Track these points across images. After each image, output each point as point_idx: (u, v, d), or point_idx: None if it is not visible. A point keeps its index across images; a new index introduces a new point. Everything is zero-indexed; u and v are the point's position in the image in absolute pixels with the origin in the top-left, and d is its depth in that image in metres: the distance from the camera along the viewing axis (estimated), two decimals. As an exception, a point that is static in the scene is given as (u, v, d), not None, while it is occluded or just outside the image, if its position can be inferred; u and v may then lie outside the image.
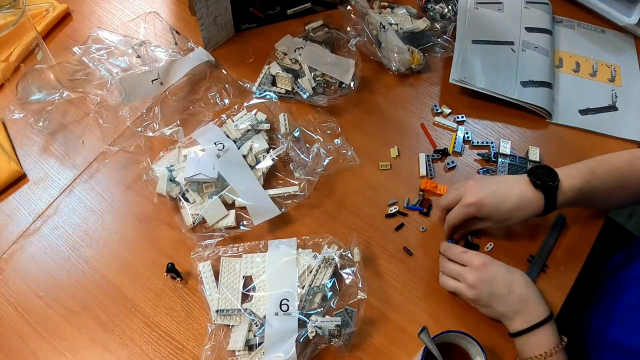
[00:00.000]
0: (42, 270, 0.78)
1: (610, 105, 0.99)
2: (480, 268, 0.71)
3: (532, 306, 0.70)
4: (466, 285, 0.71)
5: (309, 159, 0.86)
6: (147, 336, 0.74)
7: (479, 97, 0.96)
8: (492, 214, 0.73)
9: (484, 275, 0.70)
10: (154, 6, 1.06)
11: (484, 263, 0.71)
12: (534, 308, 0.70)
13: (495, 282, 0.70)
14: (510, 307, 0.70)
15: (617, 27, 1.08)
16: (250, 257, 0.77)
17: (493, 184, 0.74)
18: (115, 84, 0.87)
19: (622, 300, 0.77)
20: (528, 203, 0.72)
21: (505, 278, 0.70)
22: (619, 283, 0.80)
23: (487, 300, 0.70)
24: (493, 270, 0.71)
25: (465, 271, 0.72)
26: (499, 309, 0.70)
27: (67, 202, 0.84)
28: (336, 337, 0.70)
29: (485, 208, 0.73)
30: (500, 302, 0.70)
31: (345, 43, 0.97)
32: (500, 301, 0.70)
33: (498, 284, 0.70)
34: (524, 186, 0.73)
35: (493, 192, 0.73)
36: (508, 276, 0.71)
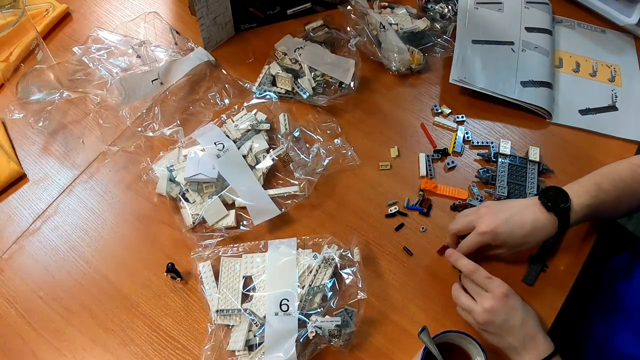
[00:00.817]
0: (42, 270, 0.78)
1: (610, 105, 0.99)
2: (502, 298, 0.69)
3: (540, 342, 0.69)
4: (482, 308, 0.70)
5: (309, 159, 0.86)
6: (147, 336, 0.74)
7: (479, 97, 0.96)
8: (506, 241, 0.73)
9: (503, 305, 0.69)
10: (154, 6, 1.06)
11: (507, 294, 0.70)
12: (541, 344, 0.69)
13: (512, 314, 0.69)
14: (519, 341, 0.69)
15: (617, 27, 1.08)
16: (250, 257, 0.77)
17: (506, 210, 0.74)
18: (115, 84, 0.87)
19: (624, 308, 0.77)
20: (542, 227, 0.72)
21: (522, 312, 0.70)
22: (620, 289, 0.80)
23: (498, 329, 0.69)
24: (512, 303, 0.70)
25: (485, 296, 0.70)
26: (508, 340, 0.69)
27: (67, 202, 0.84)
28: (336, 337, 0.70)
29: (500, 236, 0.72)
30: (512, 334, 0.69)
31: (345, 43, 0.97)
32: (511, 332, 0.69)
33: (514, 316, 0.69)
34: (537, 210, 0.72)
35: (506, 219, 0.72)
36: (524, 311, 0.70)
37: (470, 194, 0.87)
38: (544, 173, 0.90)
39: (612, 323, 0.77)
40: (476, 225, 0.73)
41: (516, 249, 0.74)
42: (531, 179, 0.88)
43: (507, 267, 0.80)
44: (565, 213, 0.72)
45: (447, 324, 0.75)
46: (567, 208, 0.72)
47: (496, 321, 0.69)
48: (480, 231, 0.73)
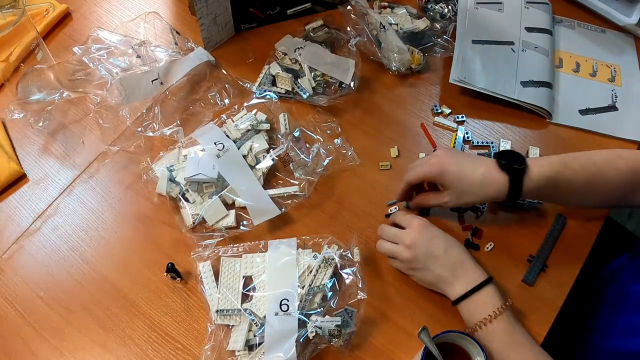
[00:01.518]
0: (42, 270, 0.78)
1: (610, 105, 0.99)
2: (418, 229, 0.71)
3: (470, 270, 0.70)
4: (404, 246, 0.71)
5: (309, 159, 0.86)
6: (147, 336, 0.74)
7: (479, 97, 0.96)
8: (453, 184, 0.72)
9: (421, 235, 0.71)
10: (154, 6, 1.06)
11: (422, 224, 0.72)
12: (471, 271, 0.70)
13: (433, 243, 0.71)
14: (448, 270, 0.70)
15: (617, 27, 1.08)
16: (250, 257, 0.77)
17: (460, 155, 0.74)
18: (115, 84, 0.87)
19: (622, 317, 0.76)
20: (492, 181, 0.71)
21: (442, 241, 0.71)
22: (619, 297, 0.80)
23: (424, 261, 0.70)
24: (430, 232, 0.72)
25: (403, 233, 0.72)
26: (436, 271, 0.70)
27: (67, 202, 0.84)
28: (336, 337, 0.70)
29: (448, 175, 0.72)
30: (437, 263, 0.70)
31: (345, 43, 0.97)
32: (437, 262, 0.70)
33: (435, 244, 0.71)
34: (490, 165, 0.72)
35: (458, 162, 0.72)
36: (445, 239, 0.71)
37: (470, 194, 0.87)
38: (544, 173, 0.90)
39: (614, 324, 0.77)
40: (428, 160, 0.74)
41: (462, 199, 0.73)
42: (531, 179, 0.87)
43: (507, 267, 0.80)
44: (518, 175, 0.70)
45: (447, 324, 0.75)
46: (520, 170, 0.70)
47: (419, 254, 0.70)
48: (431, 162, 0.73)
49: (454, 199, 0.74)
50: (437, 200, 0.76)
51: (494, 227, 0.84)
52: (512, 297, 0.78)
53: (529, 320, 0.76)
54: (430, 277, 0.71)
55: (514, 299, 0.78)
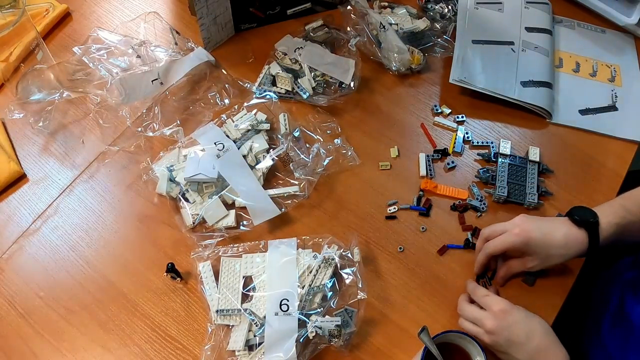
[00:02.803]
0: (42, 270, 0.78)
1: (610, 105, 0.99)
2: (499, 315, 0.69)
3: (551, 354, 0.68)
4: (485, 331, 0.69)
5: (309, 159, 0.86)
6: (147, 336, 0.74)
7: (479, 97, 0.96)
8: (538, 250, 0.72)
9: (502, 322, 0.68)
10: (154, 6, 1.06)
11: (504, 310, 0.69)
12: (553, 356, 0.68)
13: (514, 330, 0.68)
14: (529, 355, 0.67)
15: (617, 27, 1.08)
16: (250, 257, 0.77)
17: (539, 220, 0.75)
18: (115, 84, 0.87)
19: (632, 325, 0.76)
20: (574, 240, 0.72)
21: (524, 326, 0.69)
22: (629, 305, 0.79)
23: (505, 348, 0.68)
24: (512, 318, 0.69)
25: (484, 317, 0.70)
26: (517, 357, 0.68)
27: (67, 202, 0.84)
28: (336, 337, 0.70)
29: (532, 242, 0.72)
30: (519, 351, 0.68)
31: (345, 43, 0.97)
32: (518, 349, 0.68)
33: (516, 331, 0.68)
34: (568, 225, 0.73)
35: (539, 227, 0.73)
36: (527, 324, 0.69)
37: (470, 194, 0.87)
38: (544, 173, 0.90)
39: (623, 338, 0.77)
40: (509, 229, 0.73)
41: (547, 263, 0.74)
42: (531, 179, 0.88)
43: (507, 267, 0.80)
44: (594, 228, 0.72)
45: (447, 324, 0.76)
46: (595, 223, 0.72)
47: (500, 340, 0.68)
48: (514, 232, 0.72)
49: (539, 264, 0.74)
50: (522, 267, 0.75)
51: (494, 227, 0.84)
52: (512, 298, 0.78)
53: (529, 320, 0.76)
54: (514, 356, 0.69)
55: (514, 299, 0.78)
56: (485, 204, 0.85)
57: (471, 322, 0.72)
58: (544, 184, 0.88)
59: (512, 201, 0.86)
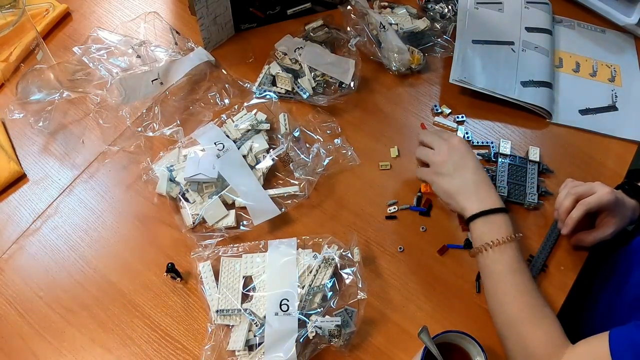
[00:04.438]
0: (42, 270, 0.78)
1: (610, 105, 0.99)
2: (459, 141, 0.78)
3: (491, 193, 0.75)
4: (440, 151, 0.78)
5: (309, 159, 0.86)
6: (147, 336, 0.74)
7: (479, 97, 0.96)
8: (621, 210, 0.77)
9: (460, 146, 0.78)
10: (154, 6, 1.06)
11: (463, 140, 0.79)
12: (492, 195, 0.75)
13: (467, 156, 0.77)
14: (471, 185, 0.75)
15: (617, 27, 1.08)
16: (250, 257, 0.77)
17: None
18: (115, 84, 0.87)
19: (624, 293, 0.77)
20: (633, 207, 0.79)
21: (475, 161, 0.77)
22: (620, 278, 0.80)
23: (453, 168, 0.76)
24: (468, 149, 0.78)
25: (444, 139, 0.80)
26: (460, 181, 0.75)
27: (67, 202, 0.84)
28: (336, 337, 0.70)
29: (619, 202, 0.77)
30: (464, 175, 0.76)
31: (345, 43, 0.97)
32: (464, 173, 0.76)
33: (468, 158, 0.77)
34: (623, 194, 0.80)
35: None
36: (477, 162, 0.78)
37: (470, 194, 0.87)
38: (544, 173, 0.90)
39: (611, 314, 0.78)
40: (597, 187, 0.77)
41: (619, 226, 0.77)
42: (531, 179, 0.88)
43: (507, 267, 0.80)
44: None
45: (447, 324, 0.76)
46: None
47: (451, 160, 0.77)
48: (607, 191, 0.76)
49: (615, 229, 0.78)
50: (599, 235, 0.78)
51: (494, 227, 0.84)
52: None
53: (529, 320, 0.76)
54: (453, 186, 0.76)
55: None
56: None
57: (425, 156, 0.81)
58: (544, 184, 0.88)
59: (512, 201, 0.86)
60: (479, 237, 0.73)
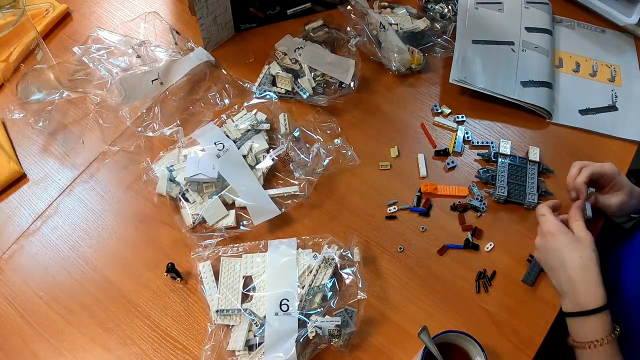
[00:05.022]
0: (42, 270, 0.78)
1: (610, 105, 0.99)
2: (545, 235, 0.74)
3: (582, 292, 0.69)
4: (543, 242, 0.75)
5: (309, 159, 0.86)
6: (147, 336, 0.74)
7: (479, 97, 0.96)
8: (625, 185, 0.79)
9: (545, 243, 0.74)
10: (154, 6, 1.06)
11: (550, 232, 0.73)
12: (583, 294, 0.68)
13: (551, 255, 0.72)
14: (560, 285, 0.72)
15: (617, 27, 1.08)
16: (250, 257, 0.77)
17: None
18: (115, 84, 0.87)
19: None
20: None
21: (562, 255, 0.71)
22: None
23: (544, 265, 0.75)
24: (554, 243, 0.72)
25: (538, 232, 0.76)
26: (553, 279, 0.74)
27: (67, 202, 0.84)
28: (336, 337, 0.70)
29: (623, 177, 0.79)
30: (553, 276, 0.73)
31: (345, 43, 0.97)
32: (553, 273, 0.73)
33: (553, 257, 0.72)
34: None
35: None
36: (565, 253, 0.71)
37: (470, 194, 0.87)
38: (544, 173, 0.90)
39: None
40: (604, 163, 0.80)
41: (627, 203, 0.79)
42: (531, 179, 0.88)
43: (507, 267, 0.80)
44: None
45: (447, 324, 0.76)
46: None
47: (540, 258, 0.76)
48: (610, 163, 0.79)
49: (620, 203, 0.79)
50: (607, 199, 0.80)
51: (494, 227, 0.84)
52: (512, 297, 0.78)
53: (529, 320, 0.76)
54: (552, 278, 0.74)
55: (514, 299, 0.78)
56: (485, 204, 0.85)
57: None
58: (544, 184, 0.88)
59: (512, 201, 0.86)
60: (573, 333, 0.71)
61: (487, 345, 0.71)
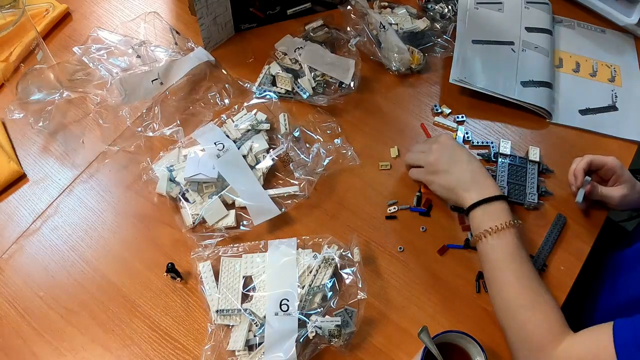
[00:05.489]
0: (42, 270, 0.78)
1: (610, 105, 0.99)
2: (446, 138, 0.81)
3: (488, 182, 0.77)
4: (430, 152, 0.80)
5: (309, 159, 0.86)
6: (147, 336, 0.74)
7: (479, 97, 0.96)
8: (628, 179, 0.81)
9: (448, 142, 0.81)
10: (154, 6, 1.06)
11: (449, 137, 0.82)
12: (489, 184, 0.77)
13: (457, 150, 0.80)
14: (468, 176, 0.77)
15: (617, 27, 1.08)
16: (250, 257, 0.77)
17: None
18: (115, 84, 0.87)
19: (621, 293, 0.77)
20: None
21: (466, 153, 0.80)
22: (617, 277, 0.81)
23: (447, 164, 0.78)
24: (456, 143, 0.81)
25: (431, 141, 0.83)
26: (457, 175, 0.77)
27: (67, 202, 0.84)
28: (336, 337, 0.70)
29: (626, 171, 0.82)
30: (459, 168, 0.78)
31: (345, 43, 0.97)
32: (459, 167, 0.78)
33: (460, 152, 0.79)
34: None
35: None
36: (468, 153, 0.80)
37: (470, 194, 0.87)
38: (544, 173, 0.90)
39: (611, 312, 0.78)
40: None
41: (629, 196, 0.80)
42: (531, 179, 0.88)
43: (507, 267, 0.80)
44: None
45: (447, 324, 0.76)
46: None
47: (444, 157, 0.79)
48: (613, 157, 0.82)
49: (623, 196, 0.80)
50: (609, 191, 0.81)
51: (494, 227, 0.84)
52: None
53: (529, 320, 0.76)
54: (451, 181, 0.78)
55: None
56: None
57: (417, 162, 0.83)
58: (544, 184, 0.88)
59: (512, 201, 0.86)
60: (478, 226, 0.75)
61: (487, 345, 0.71)
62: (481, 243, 0.74)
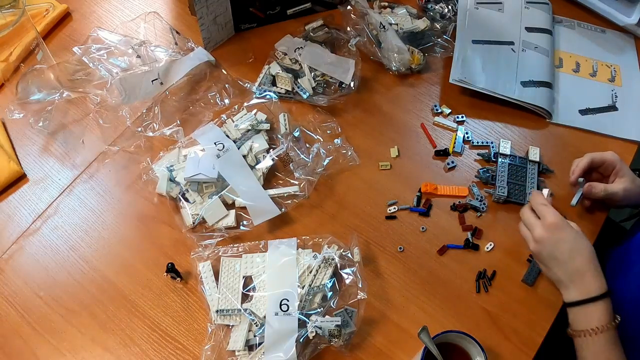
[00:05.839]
0: (42, 270, 0.78)
1: (610, 105, 0.99)
2: (550, 227, 0.72)
3: (590, 279, 0.70)
4: (532, 237, 0.73)
5: (309, 159, 0.86)
6: (147, 336, 0.74)
7: (479, 97, 0.96)
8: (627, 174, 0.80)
9: (550, 235, 0.71)
10: (154, 6, 1.06)
11: (555, 224, 0.72)
12: (590, 281, 0.70)
13: (559, 246, 0.71)
14: (567, 275, 0.71)
15: (617, 27, 1.08)
16: (250, 257, 0.77)
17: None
18: (115, 84, 0.87)
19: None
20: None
21: (571, 246, 0.71)
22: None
23: (547, 261, 0.73)
24: (560, 235, 0.71)
25: (536, 225, 0.73)
26: (555, 273, 0.72)
27: (67, 202, 0.84)
28: (336, 337, 0.70)
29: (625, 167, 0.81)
30: (559, 267, 0.72)
31: (345, 43, 0.97)
32: (558, 266, 0.72)
33: (561, 248, 0.71)
34: None
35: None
36: (574, 244, 0.71)
37: (470, 194, 0.87)
38: (544, 173, 0.90)
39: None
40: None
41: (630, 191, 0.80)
42: (531, 178, 0.88)
43: (507, 267, 0.80)
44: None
45: (447, 324, 0.76)
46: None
47: (543, 253, 0.72)
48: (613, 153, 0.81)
49: (624, 189, 0.79)
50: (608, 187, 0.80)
51: (494, 227, 0.84)
52: (512, 297, 0.78)
53: (529, 320, 0.76)
54: (549, 275, 0.74)
55: (514, 299, 0.78)
56: (485, 204, 0.85)
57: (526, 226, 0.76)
58: (543, 184, 0.88)
59: (512, 201, 0.86)
60: (574, 323, 0.71)
61: (487, 345, 0.71)
62: (578, 339, 0.70)
